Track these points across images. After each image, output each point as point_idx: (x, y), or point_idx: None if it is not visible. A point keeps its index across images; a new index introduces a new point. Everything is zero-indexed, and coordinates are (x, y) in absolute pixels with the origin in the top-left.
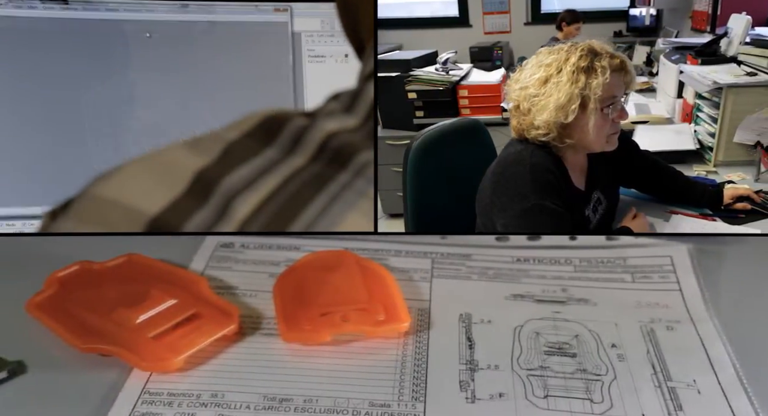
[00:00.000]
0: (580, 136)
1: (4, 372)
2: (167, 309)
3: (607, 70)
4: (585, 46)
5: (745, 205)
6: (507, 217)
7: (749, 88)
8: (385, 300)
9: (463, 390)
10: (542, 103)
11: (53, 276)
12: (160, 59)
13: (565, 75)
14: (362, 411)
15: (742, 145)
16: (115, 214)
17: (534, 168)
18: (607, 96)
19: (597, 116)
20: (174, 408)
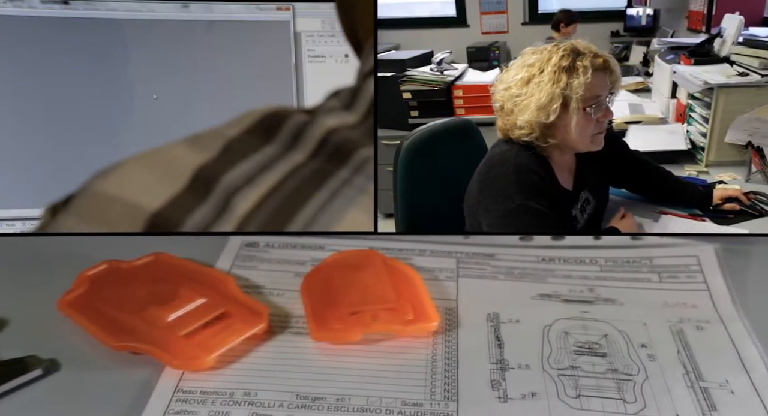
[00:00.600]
0: (563, 136)
1: (38, 370)
2: (197, 308)
3: (589, 70)
4: (568, 46)
5: (734, 206)
6: (491, 218)
7: (740, 88)
8: (413, 300)
9: (494, 389)
10: (524, 103)
11: (83, 275)
12: (161, 59)
13: (546, 75)
14: (395, 410)
15: (733, 145)
16: (114, 210)
17: (518, 168)
18: (590, 96)
19: (579, 116)
20: (208, 407)
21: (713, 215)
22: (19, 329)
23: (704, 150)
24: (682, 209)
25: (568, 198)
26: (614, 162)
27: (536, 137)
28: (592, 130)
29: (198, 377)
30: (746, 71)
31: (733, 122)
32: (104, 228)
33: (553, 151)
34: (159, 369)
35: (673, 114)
